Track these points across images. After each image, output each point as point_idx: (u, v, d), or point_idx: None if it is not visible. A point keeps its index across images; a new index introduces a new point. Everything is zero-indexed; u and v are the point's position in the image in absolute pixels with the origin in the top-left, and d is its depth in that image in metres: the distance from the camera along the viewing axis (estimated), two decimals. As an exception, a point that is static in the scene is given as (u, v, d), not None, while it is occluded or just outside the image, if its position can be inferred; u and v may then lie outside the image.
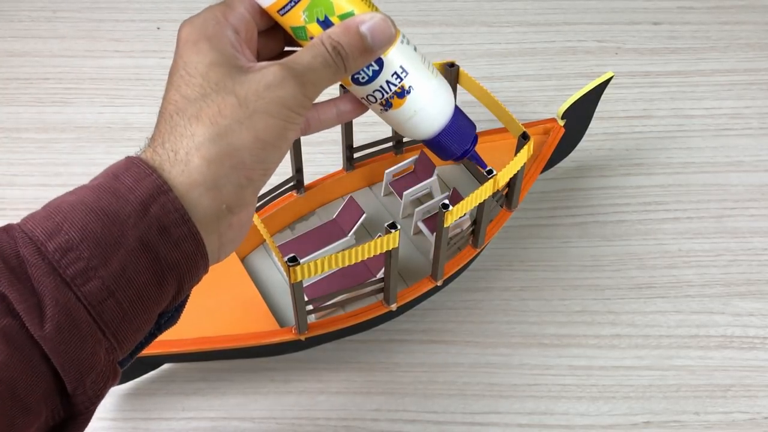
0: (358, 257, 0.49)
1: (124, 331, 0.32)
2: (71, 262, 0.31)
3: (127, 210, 0.32)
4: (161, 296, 0.33)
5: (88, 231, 0.31)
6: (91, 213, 0.32)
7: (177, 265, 0.33)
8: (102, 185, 0.33)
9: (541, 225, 0.68)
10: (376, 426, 0.56)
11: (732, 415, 0.56)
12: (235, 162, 0.34)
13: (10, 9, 0.90)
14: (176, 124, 0.34)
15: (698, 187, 0.71)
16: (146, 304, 0.33)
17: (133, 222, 0.32)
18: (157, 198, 0.32)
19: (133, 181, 0.33)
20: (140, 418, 0.56)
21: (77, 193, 0.33)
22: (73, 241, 0.31)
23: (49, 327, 0.30)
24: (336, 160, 0.65)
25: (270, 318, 0.56)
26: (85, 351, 0.31)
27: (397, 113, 0.42)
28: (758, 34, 0.86)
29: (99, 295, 0.31)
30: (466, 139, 0.45)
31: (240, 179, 0.34)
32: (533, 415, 0.56)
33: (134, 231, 0.32)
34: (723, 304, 0.63)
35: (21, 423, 0.30)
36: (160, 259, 0.33)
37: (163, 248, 0.33)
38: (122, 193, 0.32)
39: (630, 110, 0.78)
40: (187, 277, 0.34)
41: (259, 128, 0.34)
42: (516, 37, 0.87)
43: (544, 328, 0.61)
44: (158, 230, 0.32)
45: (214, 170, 0.33)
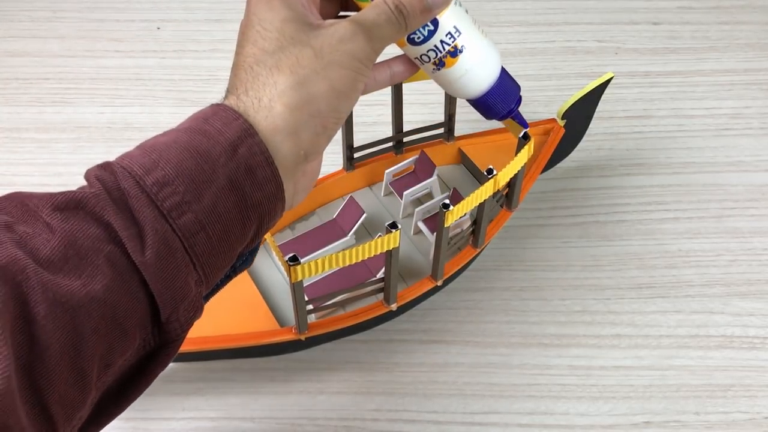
0: (358, 257, 0.49)
1: (212, 265, 0.34)
2: (168, 196, 0.33)
3: (217, 150, 0.34)
4: (244, 234, 0.35)
5: (182, 168, 0.33)
6: (185, 151, 0.34)
7: (259, 205, 0.35)
8: (192, 127, 0.35)
9: (541, 225, 0.68)
10: (376, 426, 0.56)
11: (732, 415, 0.56)
12: (313, 110, 0.36)
13: (10, 9, 0.90)
14: (258, 74, 0.36)
15: (698, 187, 0.71)
16: (231, 241, 0.35)
17: (223, 161, 0.34)
18: (245, 140, 0.34)
19: (222, 124, 0.35)
20: (140, 418, 0.56)
21: (169, 135, 0.35)
22: (168, 177, 0.33)
23: (149, 254, 0.32)
24: (336, 160, 0.65)
25: (270, 318, 0.56)
26: (179, 279, 0.33)
27: (449, 72, 0.44)
28: (758, 34, 0.86)
29: (192, 228, 0.33)
30: (512, 99, 0.47)
31: (316, 127, 0.37)
32: (533, 415, 0.56)
33: (224, 170, 0.34)
34: (723, 304, 0.63)
35: (119, 347, 0.32)
36: (246, 198, 0.35)
37: (249, 188, 0.35)
38: (212, 134, 0.34)
39: (630, 110, 0.78)
40: (266, 219, 0.36)
41: (334, 78, 0.36)
42: (516, 37, 0.87)
43: (544, 328, 0.61)
44: (245, 170, 0.34)
45: (296, 117, 0.36)
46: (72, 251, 0.31)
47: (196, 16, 0.87)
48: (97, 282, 0.31)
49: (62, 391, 0.30)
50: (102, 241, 0.32)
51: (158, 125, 0.74)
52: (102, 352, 0.31)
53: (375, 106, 0.77)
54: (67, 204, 0.32)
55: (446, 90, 0.47)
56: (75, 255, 0.31)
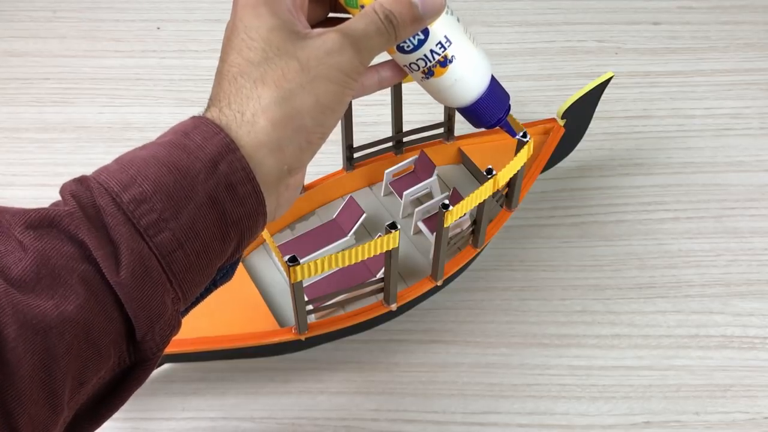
0: (358, 257, 0.49)
1: (189, 282, 0.34)
2: (144, 213, 0.32)
3: (197, 166, 0.33)
4: (224, 251, 0.35)
5: (160, 184, 0.32)
6: (163, 167, 0.33)
7: (240, 222, 0.35)
8: (172, 142, 0.34)
9: (541, 225, 0.68)
10: (376, 426, 0.56)
11: (732, 415, 0.56)
12: (298, 125, 0.36)
13: (10, 9, 0.90)
14: (241, 86, 0.35)
15: (698, 187, 0.71)
16: (210, 258, 0.34)
17: (203, 178, 0.33)
18: (226, 156, 0.34)
19: (203, 139, 0.34)
20: (140, 418, 0.56)
21: (148, 149, 0.34)
22: (146, 194, 0.32)
23: (124, 274, 0.31)
24: (336, 160, 0.65)
25: (270, 318, 0.56)
26: (155, 299, 0.32)
27: (438, 81, 0.44)
28: (758, 34, 0.86)
29: (169, 246, 0.32)
30: (501, 108, 0.47)
31: (301, 142, 0.36)
32: (533, 415, 0.56)
33: (204, 186, 0.33)
34: (723, 304, 0.63)
35: (93, 366, 0.31)
36: (226, 215, 0.34)
37: (229, 205, 0.34)
38: (192, 149, 0.34)
39: (630, 110, 0.78)
40: (247, 234, 0.36)
41: (320, 93, 0.36)
42: (516, 37, 0.87)
43: (544, 328, 0.61)
44: (226, 187, 0.34)
45: (280, 132, 0.35)
46: (45, 270, 0.30)
47: (196, 16, 0.87)
48: (70, 302, 0.30)
49: (33, 412, 0.29)
50: (76, 260, 0.31)
51: (158, 125, 0.74)
52: (75, 372, 0.31)
53: (375, 106, 0.77)
54: (40, 222, 0.31)
55: (435, 98, 0.46)
56: (48, 274, 0.30)
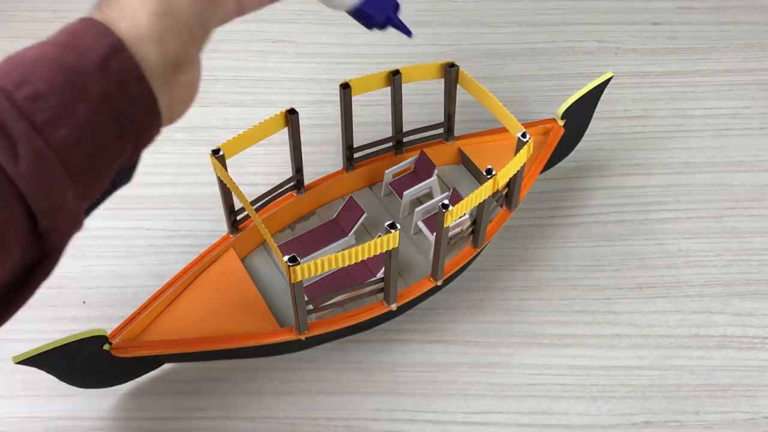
0: (358, 257, 0.49)
1: (90, 179, 0.35)
2: (39, 110, 0.33)
3: (88, 65, 0.34)
4: (121, 150, 0.36)
5: (53, 83, 0.33)
6: (55, 66, 0.34)
7: (134, 120, 0.36)
8: (62, 41, 0.35)
9: (541, 225, 0.68)
10: (376, 426, 0.56)
11: (732, 415, 0.56)
12: (177, 15, 0.37)
13: (10, 10, 0.90)
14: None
15: (698, 187, 0.71)
16: (107, 155, 0.35)
17: (95, 76, 0.34)
18: (116, 54, 0.35)
19: (92, 38, 0.35)
20: (140, 418, 0.56)
21: (38, 48, 0.35)
22: (40, 92, 0.33)
23: (23, 166, 0.32)
24: (336, 160, 0.65)
25: (270, 318, 0.56)
26: (56, 191, 0.33)
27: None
28: (758, 34, 0.86)
29: (66, 142, 0.33)
30: (388, 6, 0.49)
31: (183, 33, 0.37)
32: (533, 414, 0.56)
33: (96, 85, 0.34)
34: (723, 304, 0.63)
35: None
36: (120, 114, 0.35)
37: (122, 102, 0.35)
38: (83, 49, 0.34)
39: (630, 110, 0.78)
40: (143, 133, 0.37)
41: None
42: (516, 37, 0.87)
43: (544, 328, 0.61)
44: (117, 85, 0.35)
45: (160, 24, 0.36)
46: None
47: None
48: None
49: None
50: None
51: (158, 125, 0.74)
52: None
53: (375, 106, 0.77)
54: None
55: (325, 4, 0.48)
56: None
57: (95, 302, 0.63)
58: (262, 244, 0.63)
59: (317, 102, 0.79)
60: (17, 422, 0.56)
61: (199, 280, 0.58)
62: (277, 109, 0.57)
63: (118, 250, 0.66)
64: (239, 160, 0.62)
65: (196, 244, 0.65)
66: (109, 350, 0.52)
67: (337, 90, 0.59)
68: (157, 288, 0.57)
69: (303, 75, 0.82)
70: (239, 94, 0.79)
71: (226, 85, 0.79)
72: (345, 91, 0.59)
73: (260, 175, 0.71)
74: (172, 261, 0.65)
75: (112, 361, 0.53)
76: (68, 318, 0.61)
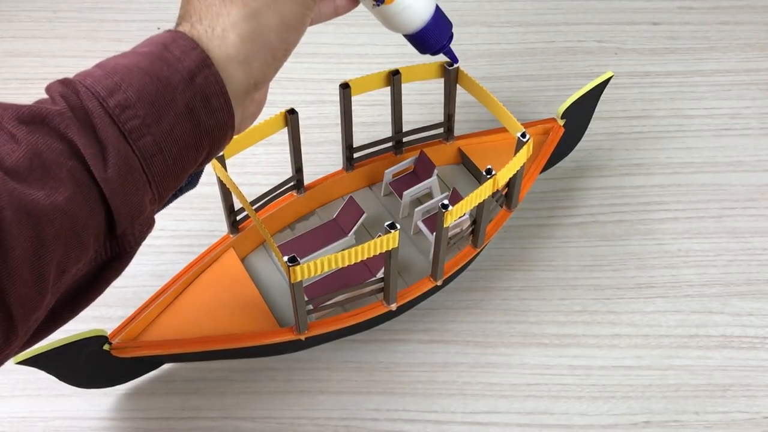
0: (358, 257, 0.49)
1: (165, 185, 0.37)
2: (129, 118, 0.34)
3: (176, 78, 0.36)
4: (196, 158, 0.38)
5: (144, 92, 0.35)
6: (146, 76, 0.35)
7: (212, 131, 0.38)
8: (153, 53, 0.36)
9: (541, 225, 0.68)
10: (376, 426, 0.56)
11: (731, 415, 0.56)
12: (264, 41, 0.38)
13: (10, 9, 0.90)
14: (210, 3, 0.38)
15: (698, 187, 0.71)
16: (184, 164, 0.37)
17: (181, 89, 0.36)
18: (202, 70, 0.36)
19: (181, 52, 0.36)
20: (140, 418, 0.56)
21: (130, 57, 0.36)
22: (130, 100, 0.35)
23: (111, 171, 0.34)
24: (336, 160, 0.65)
25: (270, 318, 0.56)
26: (137, 197, 0.35)
27: (388, 8, 0.47)
28: (758, 34, 0.86)
29: (151, 149, 0.35)
30: (445, 35, 0.51)
31: (267, 57, 0.39)
32: (533, 414, 0.56)
33: (182, 97, 0.36)
34: (722, 303, 0.63)
35: (74, 255, 0.34)
36: (201, 125, 0.37)
37: (204, 115, 0.37)
38: (172, 62, 0.36)
39: (630, 110, 0.78)
40: (217, 144, 0.39)
41: (284, 12, 0.39)
42: (516, 37, 0.87)
43: (544, 327, 0.61)
44: (202, 99, 0.36)
45: (248, 47, 0.38)
46: (37, 162, 0.32)
47: None
48: (59, 194, 0.32)
49: (22, 291, 0.31)
50: (65, 156, 0.33)
51: (158, 125, 0.74)
52: (59, 260, 0.33)
53: (375, 106, 0.77)
54: (32, 118, 0.33)
55: (384, 25, 0.49)
56: (39, 166, 0.32)
57: (95, 302, 0.62)
58: (262, 244, 0.63)
59: (317, 102, 0.79)
60: (17, 422, 0.56)
61: (198, 280, 0.58)
62: (277, 109, 0.57)
63: (118, 250, 0.66)
64: (239, 160, 0.62)
65: (195, 244, 0.65)
66: (109, 350, 0.52)
67: (337, 90, 0.59)
68: (157, 288, 0.57)
69: (303, 75, 0.82)
70: (239, 94, 0.79)
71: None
72: (345, 91, 0.59)
73: (260, 175, 0.71)
74: (172, 261, 0.65)
75: (112, 361, 0.53)
76: (68, 318, 0.61)
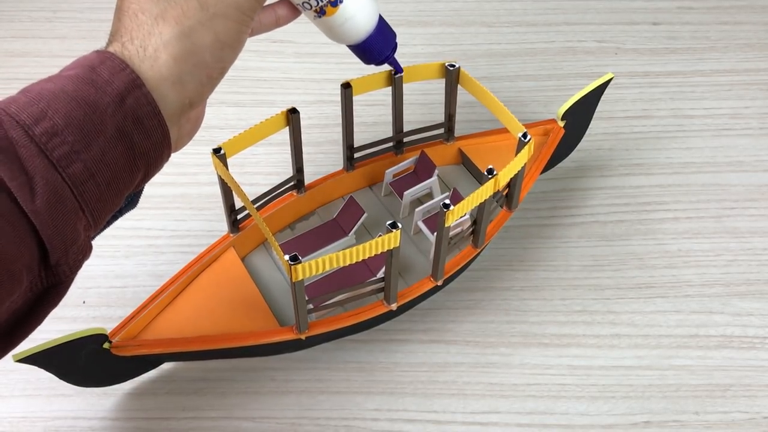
0: (359, 256, 0.49)
1: (100, 210, 0.36)
2: (57, 146, 0.34)
3: (105, 101, 0.35)
4: (131, 181, 0.37)
5: (71, 118, 0.34)
6: (73, 101, 0.34)
7: (147, 153, 0.37)
8: (80, 76, 0.35)
9: (541, 225, 0.68)
10: (376, 426, 0.56)
11: (731, 415, 0.56)
12: (198, 60, 0.37)
13: (10, 9, 0.90)
14: (142, 22, 0.37)
15: (698, 187, 0.71)
16: (119, 187, 0.36)
17: (111, 112, 0.35)
18: (132, 91, 0.36)
19: (110, 74, 0.36)
20: (140, 418, 0.56)
21: (56, 82, 0.35)
22: (57, 127, 0.34)
23: (39, 202, 0.33)
24: (336, 160, 0.65)
25: (270, 317, 0.56)
26: (69, 225, 0.35)
27: (330, 20, 0.47)
28: (758, 34, 0.86)
29: (81, 176, 0.34)
30: (388, 45, 0.51)
31: (201, 76, 0.38)
32: (533, 414, 0.56)
33: (112, 120, 0.35)
34: (722, 304, 0.63)
35: (6, 288, 0.33)
36: (134, 147, 0.36)
37: (137, 137, 0.36)
38: (100, 84, 0.35)
39: (630, 110, 0.79)
40: (153, 165, 0.38)
41: (219, 30, 0.38)
42: (516, 37, 0.87)
43: (544, 327, 0.61)
44: (133, 121, 0.36)
45: (181, 67, 0.37)
46: None
47: None
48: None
49: None
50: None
51: (158, 125, 0.74)
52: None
53: (375, 106, 0.77)
54: None
55: (328, 36, 0.49)
56: None
57: (95, 302, 0.63)
58: (263, 244, 0.63)
59: (317, 102, 0.79)
60: (17, 422, 0.56)
61: (199, 279, 0.58)
62: (277, 109, 0.57)
63: (118, 250, 0.66)
64: (239, 160, 0.62)
65: (195, 244, 0.65)
66: (108, 349, 0.52)
67: (338, 90, 0.59)
68: (156, 287, 0.57)
69: (303, 75, 0.82)
70: (239, 94, 0.79)
71: (226, 85, 0.78)
72: (346, 90, 0.59)
73: (260, 175, 0.71)
74: (172, 261, 0.65)
75: (112, 360, 0.53)
76: (68, 318, 0.61)
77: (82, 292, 0.63)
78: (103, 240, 0.67)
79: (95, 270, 0.64)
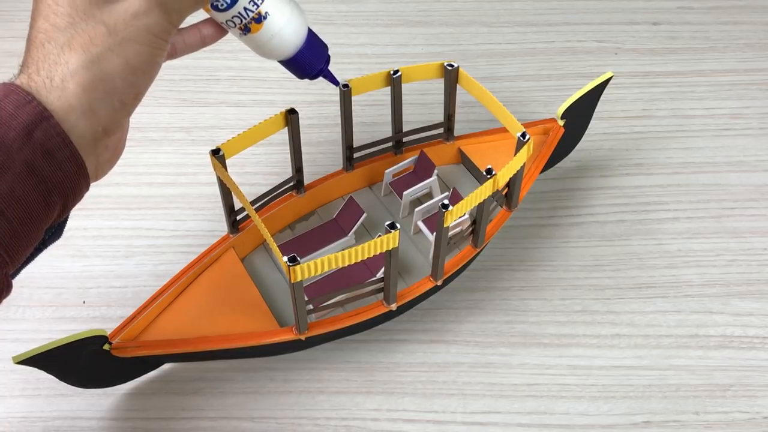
0: (358, 257, 0.49)
1: (15, 247, 0.35)
2: None
3: (11, 136, 0.34)
4: (48, 214, 0.36)
5: None
6: None
7: (61, 185, 0.36)
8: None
9: (541, 225, 0.68)
10: (376, 426, 0.56)
11: (731, 415, 0.56)
12: (108, 87, 0.36)
13: (10, 9, 0.90)
14: (49, 52, 0.36)
15: (698, 187, 0.71)
16: (34, 222, 0.35)
17: (17, 147, 0.34)
18: (40, 124, 0.35)
19: (14, 107, 0.35)
20: (140, 418, 0.56)
21: None
22: None
23: None
24: (336, 160, 0.65)
25: (270, 318, 0.56)
26: None
27: (256, 37, 0.47)
28: (758, 34, 0.86)
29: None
30: (320, 59, 0.50)
31: (113, 103, 0.37)
32: (533, 414, 0.56)
33: (19, 155, 0.34)
34: (722, 304, 0.63)
35: None
36: (46, 181, 0.35)
37: (48, 170, 0.35)
38: (4, 119, 0.34)
39: (630, 110, 0.79)
40: (71, 196, 0.37)
41: (129, 55, 0.37)
42: (516, 37, 0.87)
43: (544, 327, 0.61)
44: (42, 154, 0.35)
45: (89, 95, 0.36)
46: None
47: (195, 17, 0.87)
48: None
49: None
50: None
51: (158, 125, 0.74)
52: None
53: (375, 106, 0.77)
54: None
55: (257, 53, 0.49)
56: None
57: (95, 302, 0.63)
58: (262, 244, 0.63)
59: (317, 102, 0.79)
60: (16, 422, 0.56)
61: (198, 280, 0.58)
62: (277, 109, 0.57)
63: (118, 250, 0.66)
64: (239, 160, 0.62)
65: (195, 244, 0.65)
66: (109, 350, 0.52)
67: (337, 90, 0.59)
68: (156, 288, 0.57)
69: (303, 75, 0.82)
70: (239, 94, 0.79)
71: (226, 85, 0.79)
72: (345, 90, 0.59)
73: (260, 175, 0.71)
74: (172, 261, 0.65)
75: (112, 361, 0.53)
76: (68, 318, 0.61)
77: (83, 292, 0.63)
78: (104, 240, 0.67)
79: (95, 270, 0.65)
